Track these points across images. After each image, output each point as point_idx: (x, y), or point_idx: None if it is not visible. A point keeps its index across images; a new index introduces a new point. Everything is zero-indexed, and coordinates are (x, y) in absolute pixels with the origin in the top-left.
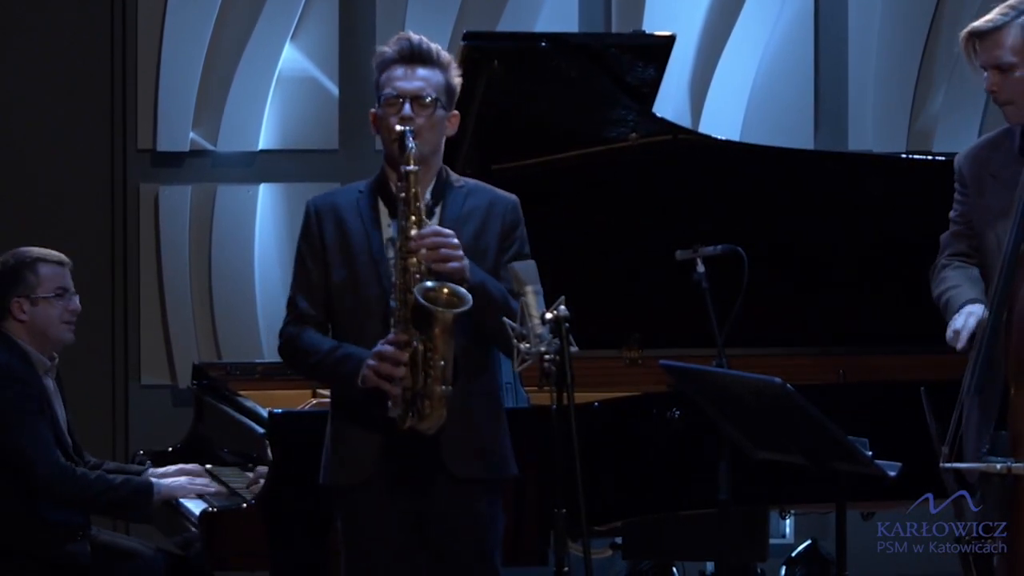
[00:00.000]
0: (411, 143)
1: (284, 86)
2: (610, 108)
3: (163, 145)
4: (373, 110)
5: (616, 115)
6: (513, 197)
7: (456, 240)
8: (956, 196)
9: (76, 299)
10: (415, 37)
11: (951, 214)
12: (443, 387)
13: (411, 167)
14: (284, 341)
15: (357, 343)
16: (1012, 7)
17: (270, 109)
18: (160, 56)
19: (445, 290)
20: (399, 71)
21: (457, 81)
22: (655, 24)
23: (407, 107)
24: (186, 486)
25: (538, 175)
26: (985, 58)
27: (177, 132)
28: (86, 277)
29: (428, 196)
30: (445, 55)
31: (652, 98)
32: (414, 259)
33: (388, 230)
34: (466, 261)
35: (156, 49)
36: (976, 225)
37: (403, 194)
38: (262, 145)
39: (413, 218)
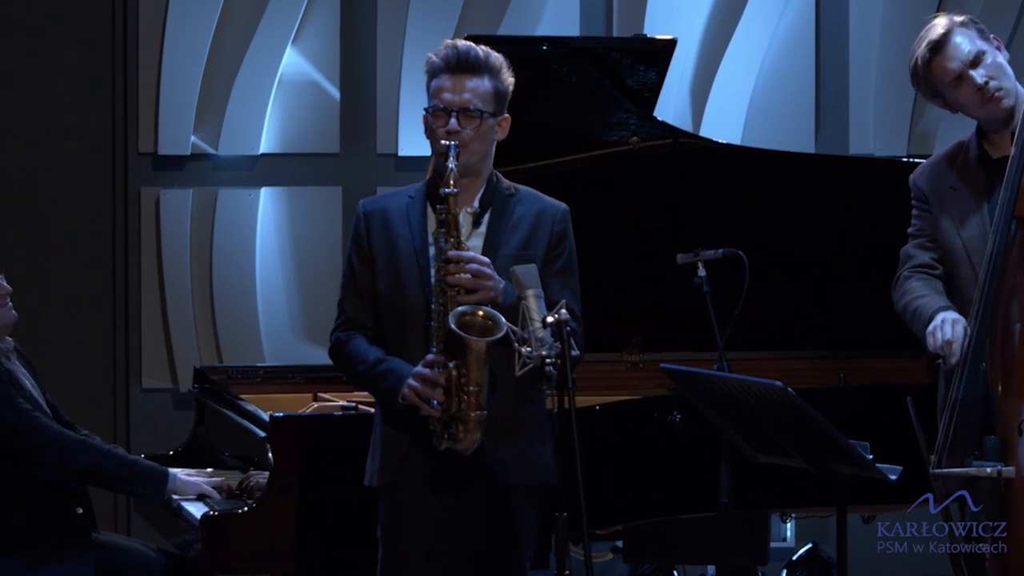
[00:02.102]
0: (453, 163)
1: (285, 90)
2: (611, 112)
3: (164, 149)
4: (425, 115)
5: (617, 119)
6: (563, 206)
7: (490, 268)
8: (915, 212)
9: (2, 278)
10: (462, 44)
11: (910, 229)
12: (477, 412)
13: (451, 189)
14: (333, 345)
15: (399, 351)
16: (943, 23)
17: (271, 113)
18: (161, 59)
19: (480, 313)
20: (447, 81)
21: (509, 83)
22: (656, 27)
23: (453, 121)
24: (203, 486)
25: (539, 179)
26: (958, 61)
27: (178, 135)
28: (87, 281)
29: (476, 204)
30: (495, 58)
31: (653, 102)
32: (448, 280)
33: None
34: (501, 284)
35: (157, 52)
36: (941, 237)
37: (443, 215)
38: (263, 149)
39: (452, 240)
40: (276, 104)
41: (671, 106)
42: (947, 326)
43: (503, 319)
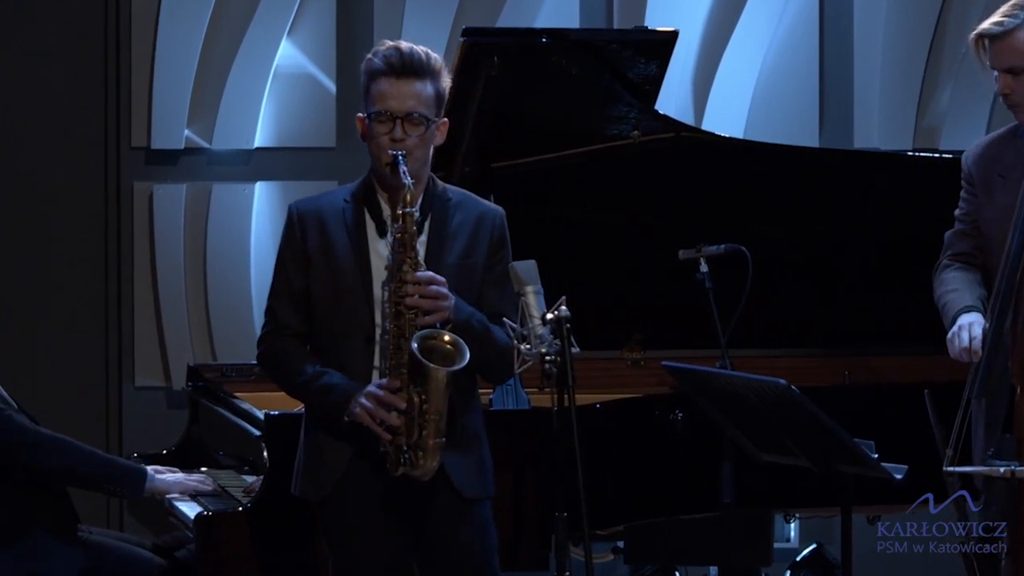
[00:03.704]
0: (407, 179)
1: (280, 83)
2: (612, 105)
3: (157, 143)
4: (361, 116)
5: (618, 112)
6: (500, 210)
7: (446, 288)
8: (963, 194)
9: None
10: (404, 47)
11: (956, 212)
12: (437, 439)
13: (409, 209)
14: (263, 352)
15: (338, 361)
16: (1020, 7)
17: (266, 106)
18: (154, 52)
19: (446, 339)
20: (388, 86)
21: (446, 85)
22: (657, 19)
23: (398, 130)
24: (183, 481)
25: (538, 173)
26: (996, 61)
27: (172, 129)
28: (78, 277)
29: (416, 210)
30: (435, 60)
31: (654, 95)
32: (407, 303)
33: (376, 245)
34: (452, 301)
35: (150, 45)
36: (983, 225)
37: (399, 234)
38: (258, 143)
39: (409, 260)
40: (271, 97)
41: (673, 99)
42: (963, 332)
43: (465, 346)
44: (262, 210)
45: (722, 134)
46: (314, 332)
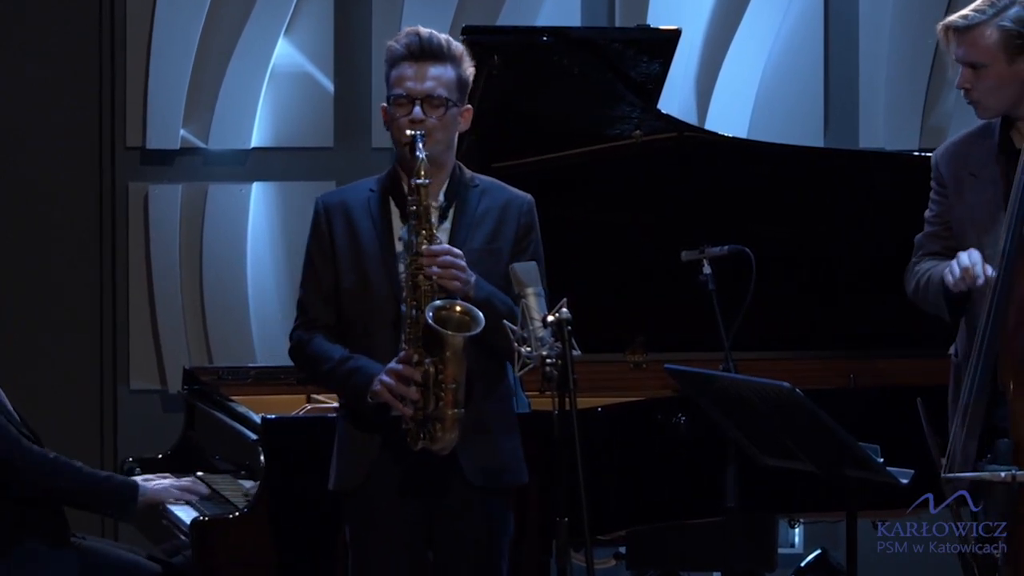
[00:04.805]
0: (421, 153)
1: (277, 82)
2: (613, 104)
3: (153, 143)
4: (384, 105)
5: (620, 112)
6: (528, 197)
7: (463, 260)
8: (932, 196)
9: None
10: (424, 32)
11: (927, 214)
12: (455, 410)
13: (422, 180)
14: (294, 346)
15: (367, 349)
16: (991, 4)
17: (263, 105)
18: (150, 50)
19: (458, 308)
20: (409, 69)
21: (470, 73)
22: (660, 17)
23: (417, 110)
24: (171, 488)
25: (539, 173)
26: (959, 53)
27: (167, 129)
28: (73, 278)
29: (442, 197)
30: (457, 47)
31: (657, 94)
32: (423, 275)
33: (400, 232)
34: (472, 278)
35: (145, 43)
36: (955, 225)
37: (414, 207)
38: (255, 143)
39: (424, 232)
40: (268, 97)
41: (675, 99)
42: (962, 256)
43: (480, 314)
44: (259, 211)
45: (725, 134)
46: (343, 323)
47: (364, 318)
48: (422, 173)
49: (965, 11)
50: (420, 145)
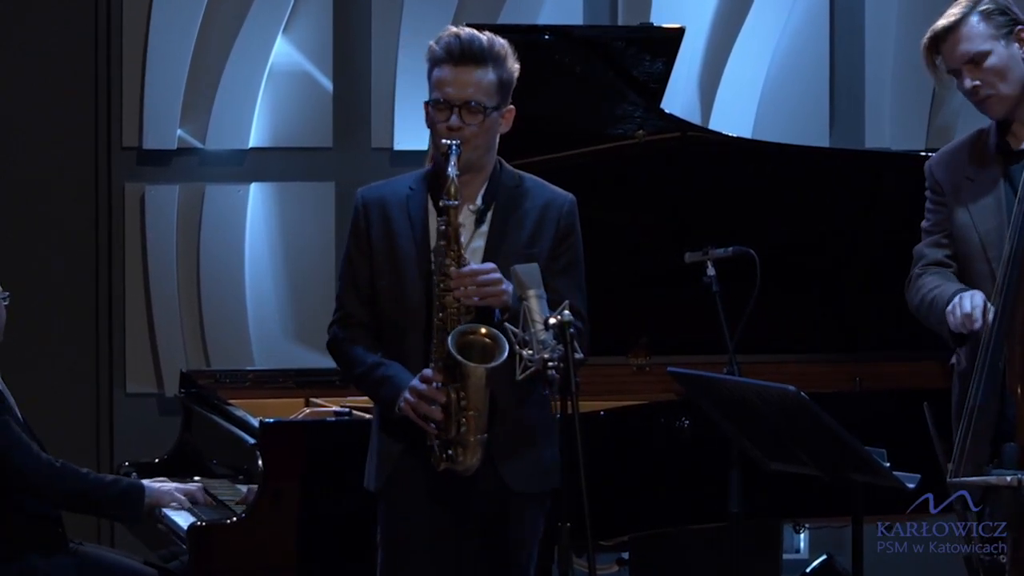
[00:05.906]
0: (453, 170)
1: (276, 81)
2: (616, 104)
3: (149, 143)
4: (427, 102)
5: (622, 111)
6: (570, 196)
7: (496, 273)
8: (928, 205)
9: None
10: (465, 33)
11: (924, 224)
12: (478, 436)
13: (451, 202)
14: (331, 341)
15: (399, 354)
16: (964, 3)
17: (261, 105)
18: (146, 49)
19: (483, 331)
20: (448, 74)
21: (514, 70)
22: (663, 16)
23: (455, 118)
24: (174, 492)
25: (541, 174)
26: (953, 58)
27: (164, 129)
28: (69, 279)
29: (479, 201)
30: (499, 46)
31: (660, 93)
32: (451, 297)
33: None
34: (508, 288)
35: (142, 42)
36: (956, 231)
37: (443, 226)
38: (253, 143)
39: (452, 254)
40: (266, 96)
41: (679, 98)
42: (964, 300)
43: (504, 339)
44: (257, 212)
45: (729, 134)
46: (379, 320)
47: (398, 319)
48: (452, 192)
49: (941, 19)
50: (454, 160)
